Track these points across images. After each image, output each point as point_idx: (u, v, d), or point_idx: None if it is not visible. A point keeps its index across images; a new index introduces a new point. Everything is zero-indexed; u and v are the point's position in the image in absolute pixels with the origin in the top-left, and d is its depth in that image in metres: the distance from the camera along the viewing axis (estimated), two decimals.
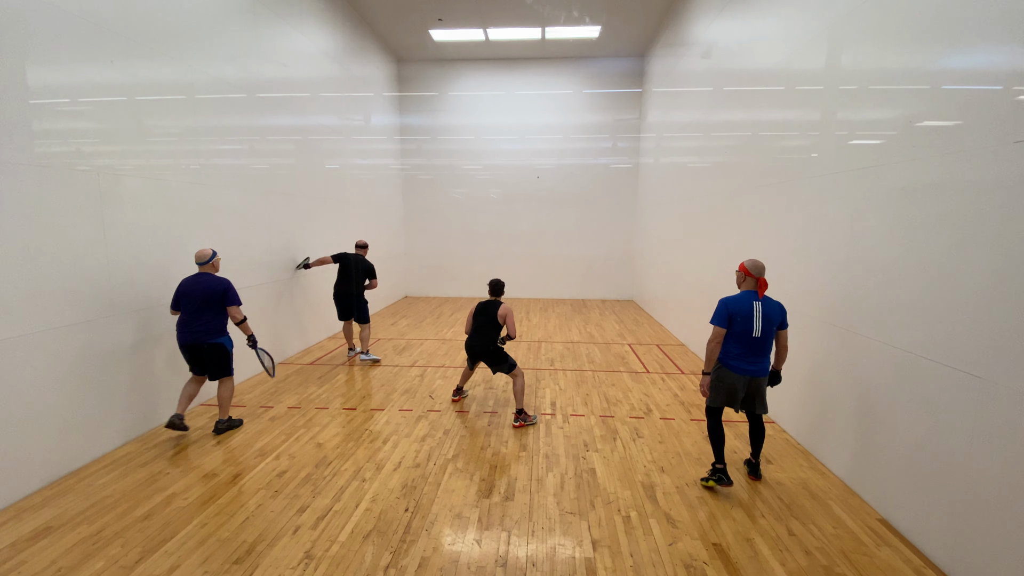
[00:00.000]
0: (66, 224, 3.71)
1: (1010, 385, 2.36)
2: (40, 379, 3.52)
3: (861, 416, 3.46)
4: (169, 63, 4.71)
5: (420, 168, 12.36)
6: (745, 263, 3.54)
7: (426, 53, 11.49)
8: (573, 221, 12.25)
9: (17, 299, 3.36)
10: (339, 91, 8.62)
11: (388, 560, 2.82)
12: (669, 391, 5.62)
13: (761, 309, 3.41)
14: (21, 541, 2.96)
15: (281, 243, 6.71)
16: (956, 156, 2.70)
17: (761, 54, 5.18)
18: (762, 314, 3.41)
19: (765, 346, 3.43)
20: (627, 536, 3.04)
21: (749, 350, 3.41)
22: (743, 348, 3.42)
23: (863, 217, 3.47)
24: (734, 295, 3.53)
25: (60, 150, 3.67)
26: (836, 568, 2.77)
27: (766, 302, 3.44)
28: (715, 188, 6.54)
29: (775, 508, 3.34)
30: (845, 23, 3.74)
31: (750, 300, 3.44)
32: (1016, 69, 2.38)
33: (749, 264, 3.51)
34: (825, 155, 3.95)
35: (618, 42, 10.74)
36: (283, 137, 6.81)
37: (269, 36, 6.42)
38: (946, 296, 2.74)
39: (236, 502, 3.39)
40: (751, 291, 3.48)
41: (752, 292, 3.48)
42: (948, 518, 2.72)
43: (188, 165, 4.97)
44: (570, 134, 11.95)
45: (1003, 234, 2.41)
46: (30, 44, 3.45)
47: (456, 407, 5.12)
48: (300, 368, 6.42)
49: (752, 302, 3.43)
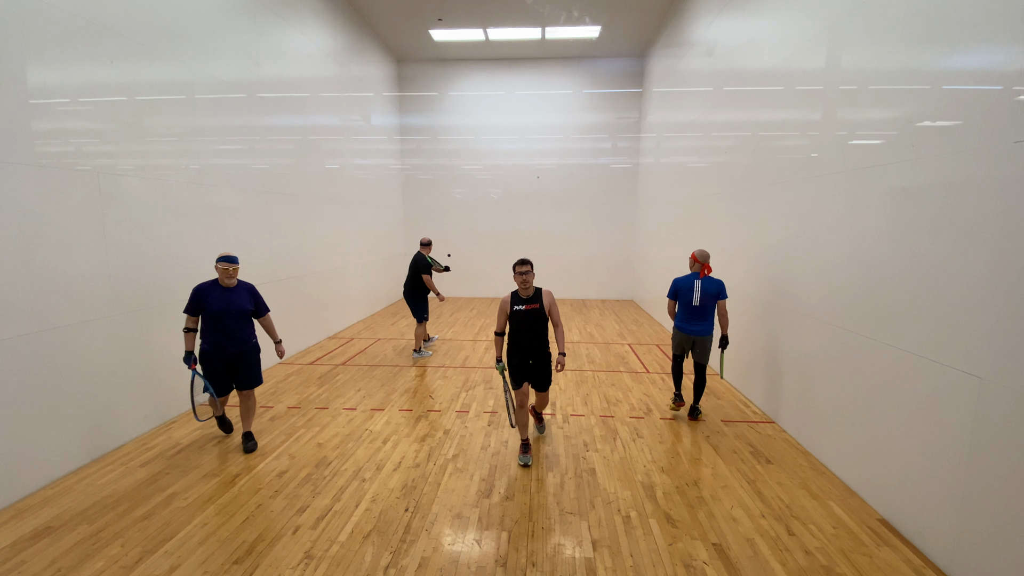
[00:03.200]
0: (66, 224, 3.71)
1: (1010, 385, 2.36)
2: (40, 379, 3.52)
3: (861, 416, 3.46)
4: (169, 63, 4.71)
5: (420, 168, 12.36)
6: (695, 252, 4.62)
7: (426, 53, 11.50)
8: (573, 221, 12.25)
9: (17, 299, 3.36)
10: (339, 91, 8.62)
11: (388, 560, 2.82)
12: (669, 391, 5.61)
13: (701, 286, 4.52)
14: (21, 541, 2.96)
15: (281, 243, 6.71)
16: (956, 156, 2.70)
17: (761, 54, 5.17)
18: (701, 289, 4.52)
19: (703, 312, 4.58)
20: (627, 536, 3.04)
21: (691, 315, 4.61)
22: (686, 314, 4.63)
23: (863, 217, 3.47)
24: (683, 275, 4.70)
25: (60, 150, 3.67)
26: (836, 568, 2.77)
27: (706, 280, 4.53)
28: (715, 188, 6.54)
29: (775, 508, 3.34)
30: (845, 23, 3.74)
31: (692, 279, 4.57)
32: (1016, 69, 2.37)
33: (698, 253, 4.60)
34: (825, 155, 3.95)
35: (618, 42, 10.73)
36: (283, 137, 6.81)
37: (269, 36, 6.42)
38: (946, 296, 2.74)
39: (236, 502, 3.39)
40: (695, 272, 4.59)
41: (695, 273, 4.58)
42: (948, 518, 2.72)
43: (188, 165, 4.97)
44: (570, 134, 11.95)
45: (1003, 234, 2.41)
46: (30, 44, 3.45)
47: (456, 406, 5.12)
48: (300, 368, 6.42)
49: (694, 280, 4.56)
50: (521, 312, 3.87)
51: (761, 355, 5.07)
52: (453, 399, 5.35)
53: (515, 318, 3.90)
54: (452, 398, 5.38)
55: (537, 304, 3.89)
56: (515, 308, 3.89)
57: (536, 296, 3.90)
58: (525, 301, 3.88)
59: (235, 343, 4.03)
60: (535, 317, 3.89)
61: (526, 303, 3.88)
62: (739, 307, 5.59)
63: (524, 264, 3.82)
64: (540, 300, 3.90)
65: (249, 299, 4.12)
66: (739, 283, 5.60)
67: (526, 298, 3.88)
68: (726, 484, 3.64)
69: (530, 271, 3.82)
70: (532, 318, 3.89)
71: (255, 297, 4.19)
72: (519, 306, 3.88)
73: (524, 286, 3.84)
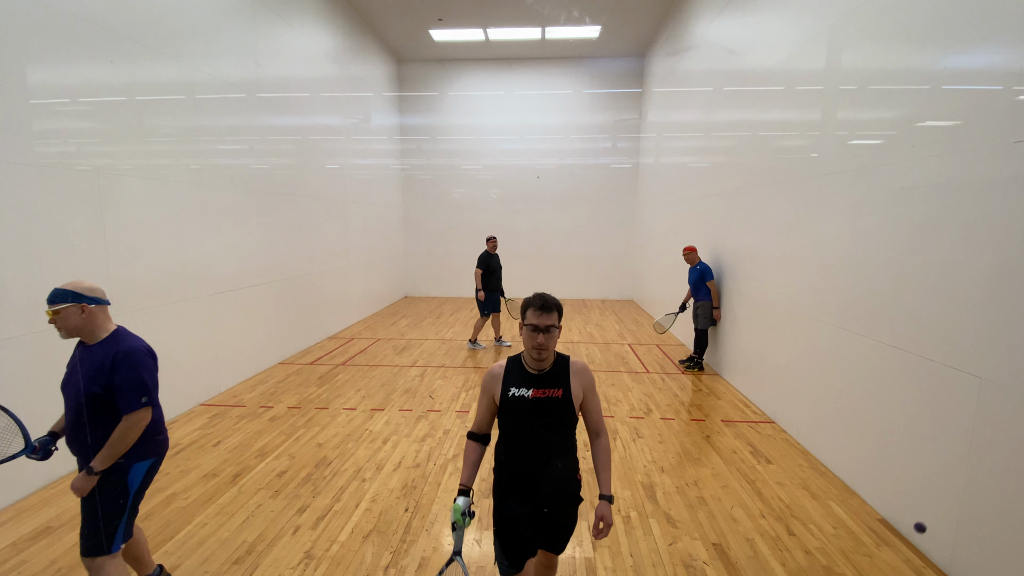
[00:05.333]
0: (66, 224, 3.71)
1: (1010, 385, 2.36)
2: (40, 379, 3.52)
3: (861, 416, 3.46)
4: (169, 63, 4.71)
5: (420, 168, 12.36)
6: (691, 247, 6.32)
7: (426, 53, 11.50)
8: (573, 221, 12.25)
9: (17, 299, 3.36)
10: (339, 91, 8.62)
11: (388, 560, 2.82)
12: (669, 391, 5.62)
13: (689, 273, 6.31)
14: (21, 541, 2.96)
15: (281, 243, 6.71)
16: (956, 156, 2.70)
17: (761, 54, 5.18)
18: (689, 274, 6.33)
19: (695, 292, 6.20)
20: (627, 536, 3.04)
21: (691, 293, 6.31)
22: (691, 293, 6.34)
23: (863, 217, 3.47)
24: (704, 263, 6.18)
25: (60, 150, 3.67)
26: (836, 568, 2.77)
27: (692, 270, 6.25)
28: (715, 188, 6.54)
29: (775, 508, 3.34)
30: (845, 23, 3.74)
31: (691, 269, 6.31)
32: (1016, 69, 2.37)
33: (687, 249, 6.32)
34: (825, 155, 3.95)
35: (618, 42, 10.73)
36: (283, 137, 6.81)
37: (269, 36, 6.42)
38: (946, 296, 2.74)
39: (236, 502, 3.39)
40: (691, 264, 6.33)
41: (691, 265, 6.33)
42: (948, 518, 2.72)
43: (188, 165, 4.97)
44: (570, 134, 11.95)
45: (1003, 234, 2.41)
46: (30, 44, 3.45)
47: (456, 407, 5.12)
48: (300, 368, 6.42)
49: (690, 269, 6.32)
50: (525, 402, 1.93)
51: (761, 355, 5.07)
52: (453, 399, 5.35)
53: (514, 412, 1.95)
54: (452, 398, 5.38)
55: (559, 390, 1.94)
56: (512, 392, 1.95)
57: (558, 371, 1.97)
58: (535, 380, 1.95)
59: (77, 450, 2.19)
60: (554, 414, 1.94)
61: (536, 384, 1.94)
62: (739, 306, 5.60)
63: (545, 311, 1.87)
64: (566, 382, 1.96)
65: (101, 374, 2.11)
66: (739, 282, 5.60)
67: (537, 373, 1.96)
68: (726, 484, 3.63)
69: (554, 326, 1.89)
70: (547, 416, 1.93)
71: (117, 371, 2.12)
72: (521, 389, 1.94)
73: (538, 354, 1.90)
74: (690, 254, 6.24)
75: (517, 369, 1.99)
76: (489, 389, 2.02)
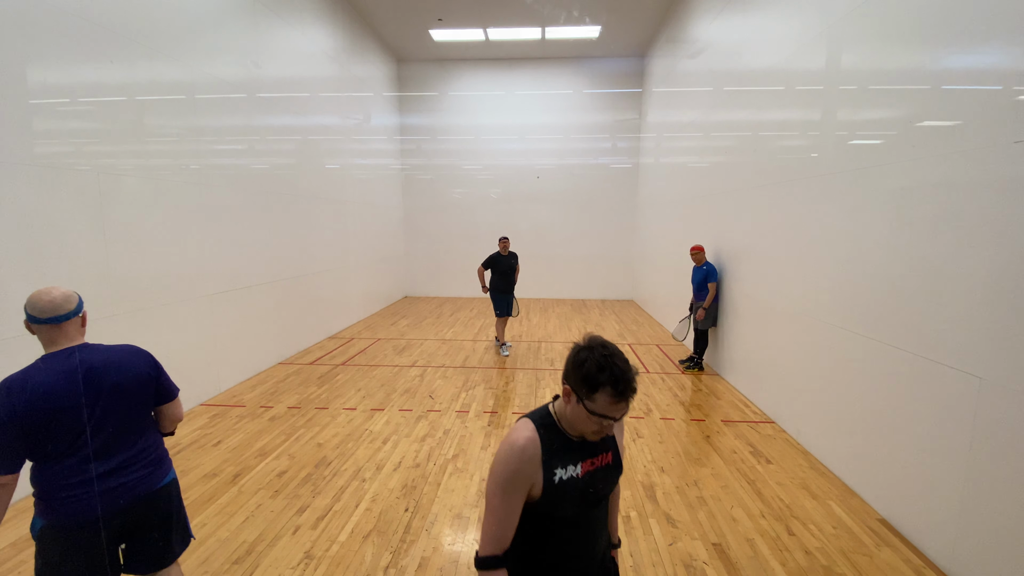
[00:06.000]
0: (66, 224, 3.71)
1: (1010, 385, 2.36)
2: None
3: (861, 416, 3.47)
4: (169, 63, 4.71)
5: (420, 168, 12.36)
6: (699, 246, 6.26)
7: (426, 53, 11.49)
8: (573, 221, 12.25)
9: (17, 299, 3.35)
10: (339, 91, 8.62)
11: (388, 560, 2.82)
12: (669, 391, 5.62)
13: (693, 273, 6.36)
14: (21, 541, 2.96)
15: (281, 243, 6.71)
16: (956, 156, 2.70)
17: (761, 54, 5.18)
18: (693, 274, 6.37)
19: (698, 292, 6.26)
20: (627, 536, 3.04)
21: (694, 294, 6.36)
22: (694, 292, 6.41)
23: (863, 217, 3.47)
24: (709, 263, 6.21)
25: (60, 150, 3.67)
26: (836, 568, 2.77)
27: (696, 269, 6.28)
28: (715, 188, 6.54)
29: (775, 508, 3.34)
30: (845, 23, 3.74)
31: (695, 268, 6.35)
32: (1016, 69, 2.38)
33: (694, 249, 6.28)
34: (825, 155, 3.95)
35: (618, 42, 10.73)
36: (283, 137, 6.81)
37: (269, 36, 6.42)
38: (946, 296, 2.74)
39: (236, 502, 3.39)
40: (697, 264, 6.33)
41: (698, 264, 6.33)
42: (948, 518, 2.72)
43: (188, 165, 4.97)
44: (570, 134, 11.95)
45: (1003, 234, 2.41)
46: (30, 44, 3.45)
47: (456, 407, 5.12)
48: (300, 368, 6.42)
49: (694, 268, 6.34)
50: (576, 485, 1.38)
51: (761, 355, 5.07)
52: (453, 399, 5.35)
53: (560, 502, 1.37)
54: (452, 398, 5.38)
55: (608, 453, 1.47)
56: (559, 477, 1.36)
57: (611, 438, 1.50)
58: (580, 449, 1.41)
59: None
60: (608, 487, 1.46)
61: (583, 454, 1.42)
62: (739, 306, 5.60)
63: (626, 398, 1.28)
64: (611, 437, 1.50)
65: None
66: (739, 282, 5.60)
67: (580, 439, 1.41)
68: (726, 484, 3.63)
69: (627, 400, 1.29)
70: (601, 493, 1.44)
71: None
72: (569, 468, 1.38)
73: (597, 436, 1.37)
74: (697, 254, 6.22)
75: (554, 439, 1.37)
76: (522, 479, 1.32)
